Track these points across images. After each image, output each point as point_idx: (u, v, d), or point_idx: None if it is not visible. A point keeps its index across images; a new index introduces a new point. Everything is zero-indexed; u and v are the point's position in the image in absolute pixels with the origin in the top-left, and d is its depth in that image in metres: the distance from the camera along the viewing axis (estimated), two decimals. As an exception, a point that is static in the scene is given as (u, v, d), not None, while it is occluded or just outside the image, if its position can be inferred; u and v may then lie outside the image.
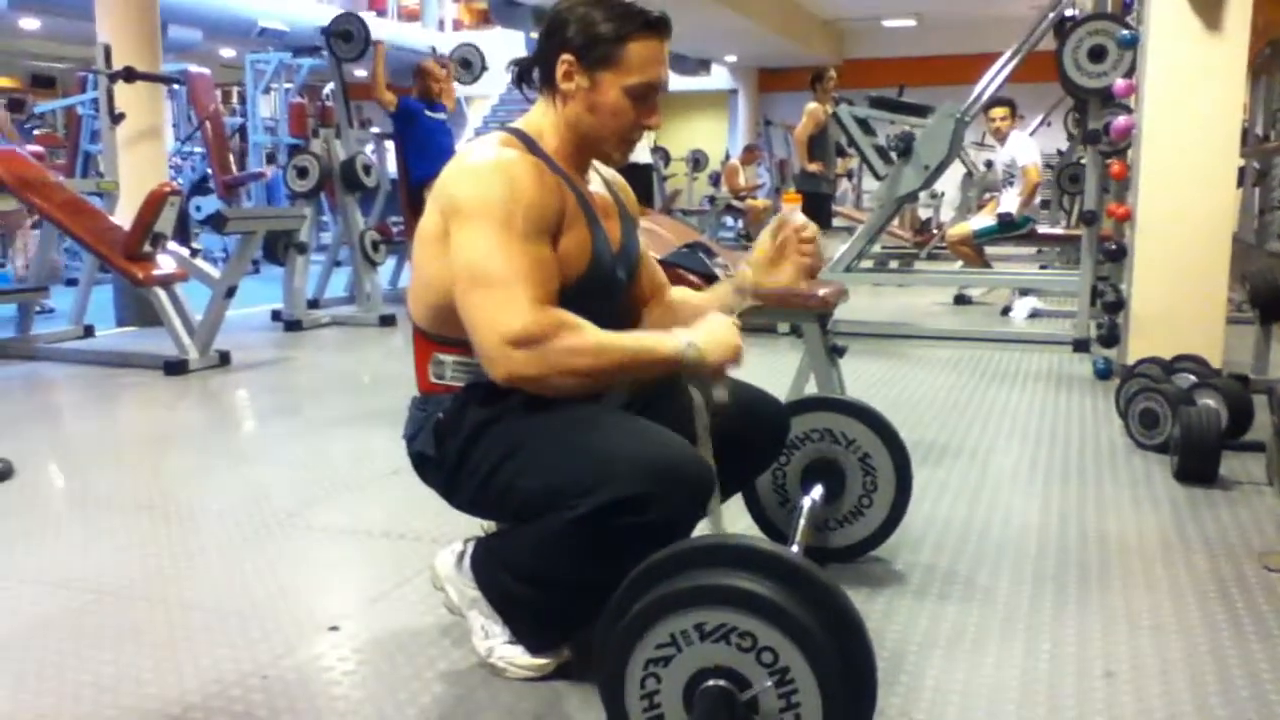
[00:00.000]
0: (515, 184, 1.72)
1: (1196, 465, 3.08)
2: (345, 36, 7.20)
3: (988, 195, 8.61)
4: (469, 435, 1.82)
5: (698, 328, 1.77)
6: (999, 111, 7.13)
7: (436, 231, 1.79)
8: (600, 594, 1.52)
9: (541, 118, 1.88)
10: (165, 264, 5.22)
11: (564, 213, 1.80)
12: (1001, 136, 7.31)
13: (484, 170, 1.74)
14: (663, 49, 1.83)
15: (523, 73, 1.93)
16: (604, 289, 1.89)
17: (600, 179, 2.01)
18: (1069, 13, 5.90)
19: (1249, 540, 2.61)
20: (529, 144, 1.84)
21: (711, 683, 1.38)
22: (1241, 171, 7.84)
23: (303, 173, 6.91)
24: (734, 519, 2.36)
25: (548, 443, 1.74)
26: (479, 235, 1.69)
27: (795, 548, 1.93)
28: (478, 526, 2.10)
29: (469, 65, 8.83)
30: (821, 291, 3.20)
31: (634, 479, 1.62)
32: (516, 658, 1.87)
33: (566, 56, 1.80)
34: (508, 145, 1.81)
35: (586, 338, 1.66)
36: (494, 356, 1.65)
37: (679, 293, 2.16)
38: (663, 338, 1.74)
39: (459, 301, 1.70)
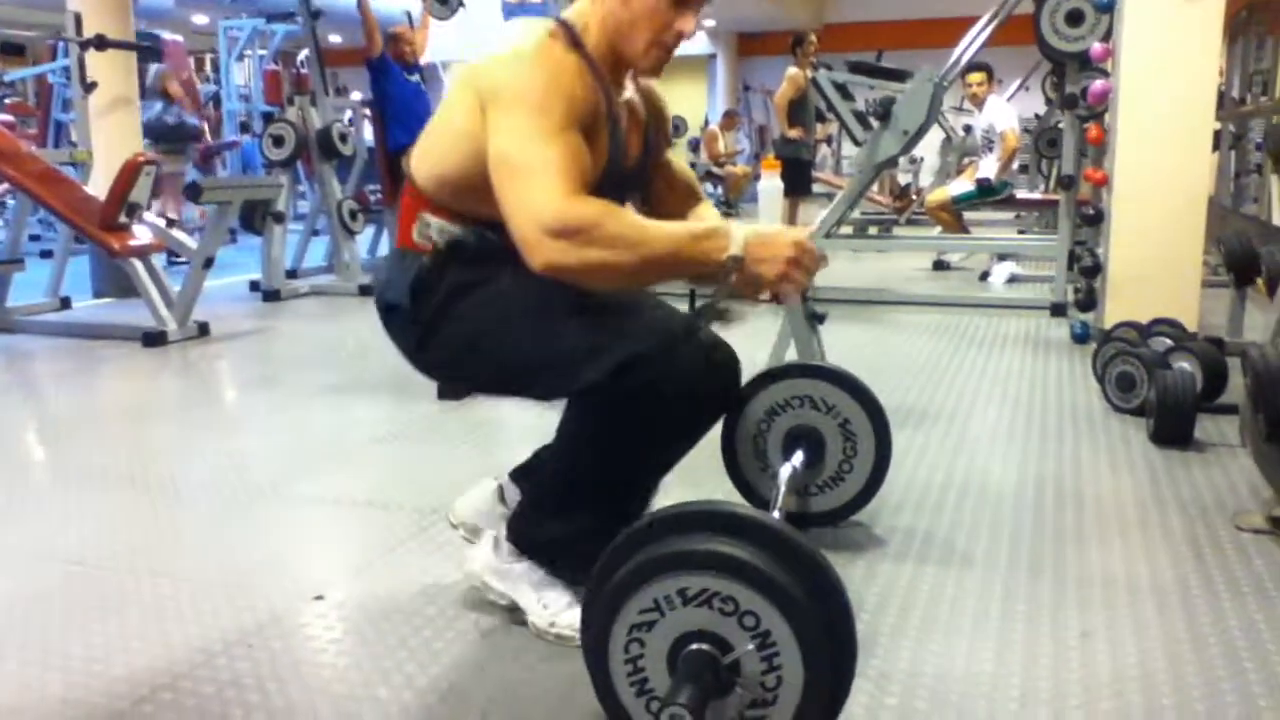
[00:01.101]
0: (556, 75, 1.67)
1: (1172, 428, 3.12)
2: None
3: (966, 160, 8.61)
4: (452, 292, 1.79)
5: (755, 232, 1.64)
6: (976, 77, 7.12)
7: (464, 106, 1.73)
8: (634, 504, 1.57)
9: (587, 10, 1.82)
10: (141, 234, 5.18)
11: (595, 115, 1.75)
12: (979, 102, 7.31)
13: (527, 57, 1.68)
14: None
15: None
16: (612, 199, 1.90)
17: (634, 86, 1.95)
18: (1047, -24, 5.89)
19: (1223, 501, 2.65)
20: (573, 37, 1.77)
21: (695, 646, 1.40)
22: (1217, 135, 7.87)
23: (278, 141, 6.85)
24: (715, 485, 2.38)
25: (551, 312, 1.72)
26: (517, 122, 1.64)
27: (776, 513, 1.95)
28: (453, 495, 2.12)
29: (445, 0, 8.67)
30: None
31: (646, 337, 1.65)
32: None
33: None
34: (553, 36, 1.74)
35: (627, 229, 1.59)
36: (532, 244, 1.59)
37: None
38: (710, 240, 1.62)
39: (496, 190, 1.65)
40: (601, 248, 1.57)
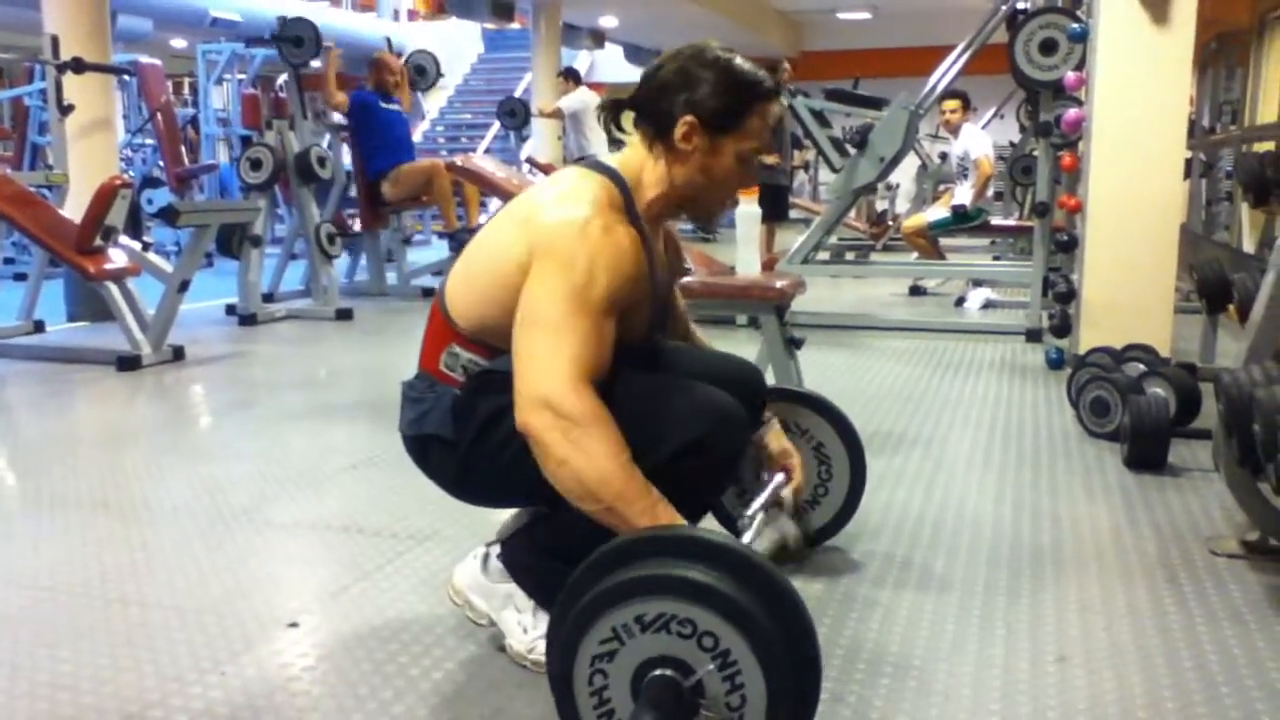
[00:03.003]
0: (612, 259, 1.69)
1: (1146, 453, 3.14)
2: (296, 42, 7.08)
3: (942, 187, 8.70)
4: (493, 414, 1.78)
5: None
6: (950, 104, 7.20)
7: (516, 259, 1.73)
8: None
9: (641, 167, 1.85)
10: (117, 258, 5.15)
11: (639, 283, 1.78)
12: (953, 129, 7.39)
13: (590, 231, 1.69)
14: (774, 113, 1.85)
15: (618, 114, 1.90)
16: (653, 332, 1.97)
17: (662, 230, 2.00)
18: (1021, 6, 5.98)
19: (1197, 526, 2.67)
20: (627, 199, 1.81)
21: (657, 672, 1.39)
22: (1189, 163, 7.97)
23: (256, 165, 6.84)
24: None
25: None
26: (558, 288, 1.65)
27: (749, 535, 1.93)
28: (441, 519, 2.10)
29: (424, 72, 8.71)
30: (779, 283, 3.22)
31: (697, 423, 1.68)
32: None
33: (690, 119, 1.79)
34: (612, 206, 1.76)
35: (611, 449, 1.59)
36: (523, 404, 1.62)
37: None
38: (663, 518, 1.59)
39: (516, 335, 1.68)
40: (579, 445, 1.59)
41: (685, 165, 1.83)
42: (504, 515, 2.09)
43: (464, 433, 1.82)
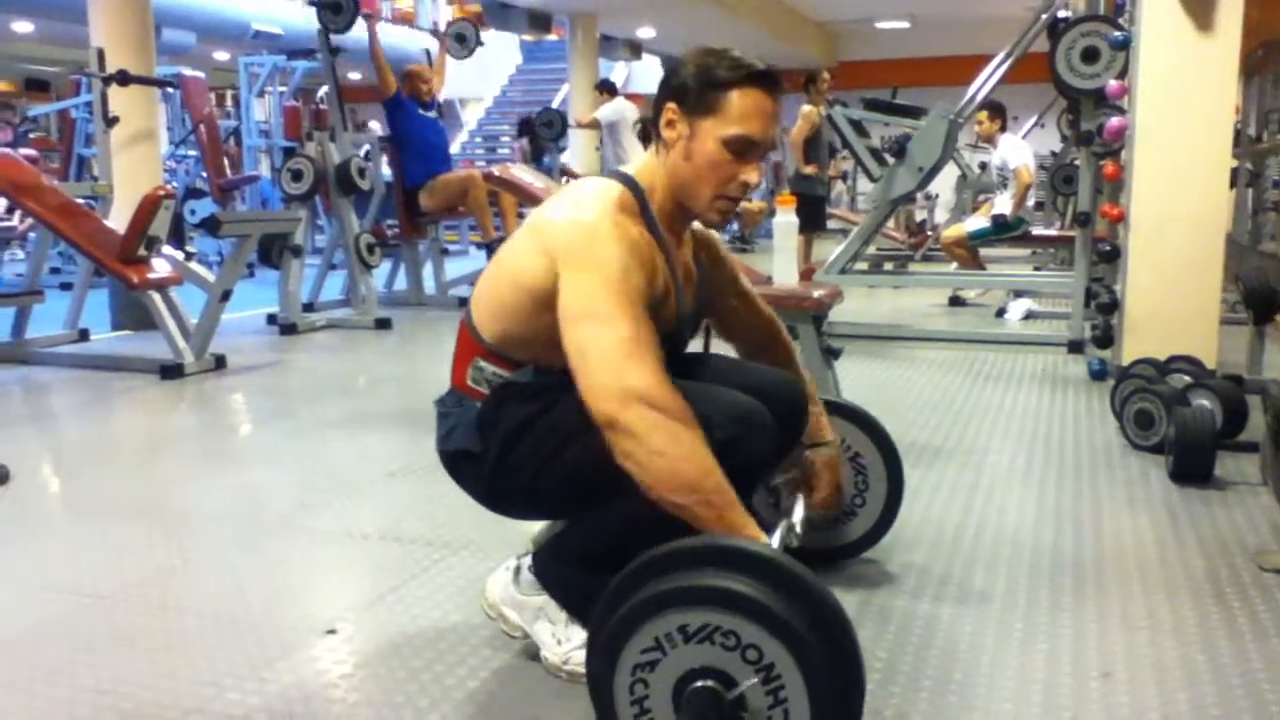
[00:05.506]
0: (631, 253, 1.69)
1: (1191, 465, 3.09)
2: (334, 8, 7.04)
3: (982, 197, 8.62)
4: (516, 427, 1.80)
5: None
6: (979, 115, 7.13)
7: (533, 267, 1.73)
8: None
9: (652, 170, 1.85)
10: (160, 267, 5.21)
11: (662, 285, 1.79)
12: (986, 138, 7.33)
13: (602, 229, 1.70)
14: (768, 104, 1.78)
15: (647, 129, 1.91)
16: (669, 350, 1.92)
17: (689, 233, 2.00)
18: (1062, 14, 5.92)
19: (1244, 540, 2.62)
20: (641, 203, 1.81)
21: (699, 683, 1.38)
22: (1234, 172, 7.86)
23: (297, 176, 6.90)
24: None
25: None
26: (597, 282, 1.64)
27: (775, 540, 1.92)
28: (477, 528, 2.10)
29: (463, 40, 8.75)
30: (816, 293, 3.20)
31: (724, 426, 1.65)
32: None
33: (671, 104, 1.79)
34: (624, 210, 1.77)
35: (698, 440, 1.57)
36: (608, 395, 1.58)
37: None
38: (744, 525, 1.56)
39: (569, 331, 1.65)
40: (668, 435, 1.55)
41: (673, 153, 1.81)
42: (537, 526, 2.08)
43: (489, 446, 1.83)
